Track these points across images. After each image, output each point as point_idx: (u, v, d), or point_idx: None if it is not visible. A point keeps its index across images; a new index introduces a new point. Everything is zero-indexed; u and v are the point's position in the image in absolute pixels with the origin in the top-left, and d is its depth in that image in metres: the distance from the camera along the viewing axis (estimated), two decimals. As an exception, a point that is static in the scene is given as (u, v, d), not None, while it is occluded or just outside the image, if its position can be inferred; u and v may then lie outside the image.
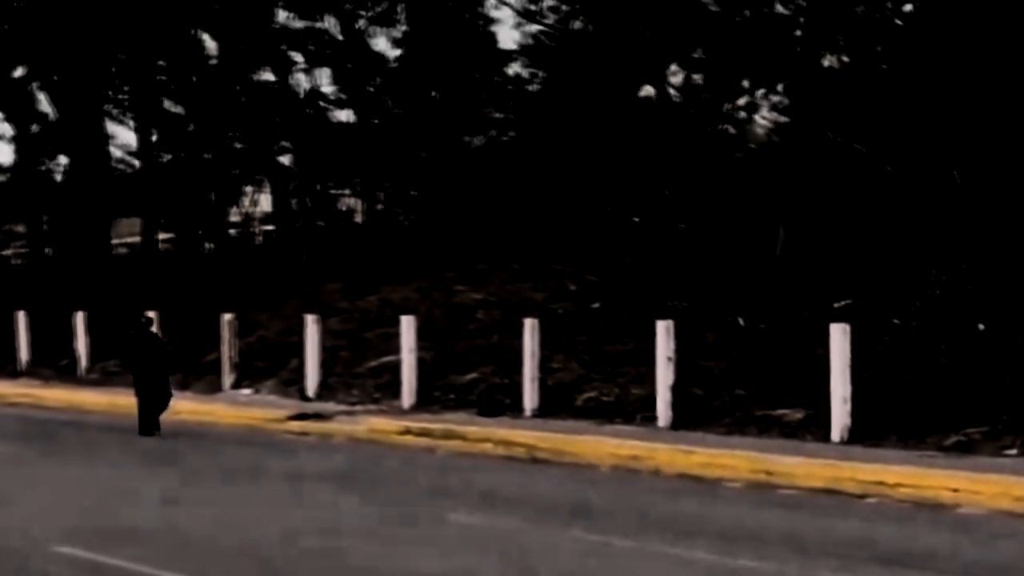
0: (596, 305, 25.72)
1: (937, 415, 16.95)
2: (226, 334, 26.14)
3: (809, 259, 25.50)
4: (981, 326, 20.64)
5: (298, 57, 39.33)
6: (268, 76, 40.73)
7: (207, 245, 42.91)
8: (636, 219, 37.28)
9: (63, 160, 42.76)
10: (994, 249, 22.75)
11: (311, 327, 24.62)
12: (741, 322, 23.18)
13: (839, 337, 17.28)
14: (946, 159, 26.62)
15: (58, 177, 43.01)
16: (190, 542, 12.57)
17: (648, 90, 36.39)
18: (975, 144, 26.39)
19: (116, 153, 43.81)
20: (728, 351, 21.70)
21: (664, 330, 19.27)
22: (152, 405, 21.20)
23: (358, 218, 42.44)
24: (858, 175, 28.51)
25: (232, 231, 44.72)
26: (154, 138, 42.05)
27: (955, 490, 14.31)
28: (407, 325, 22.95)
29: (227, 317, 26.18)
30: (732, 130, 35.46)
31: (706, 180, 31.83)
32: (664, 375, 19.20)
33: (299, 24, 39.43)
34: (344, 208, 43.61)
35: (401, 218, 41.60)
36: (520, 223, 34.69)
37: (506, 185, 36.43)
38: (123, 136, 49.64)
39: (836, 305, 23.15)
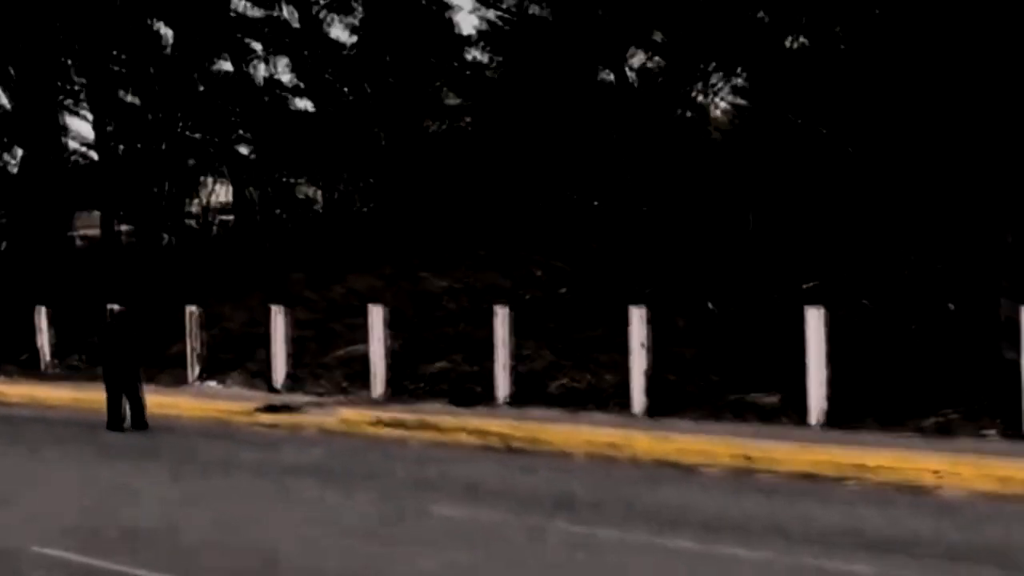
0: (564, 291, 25.62)
1: (914, 397, 16.95)
2: (191, 326, 25.87)
3: (778, 242, 25.47)
4: (951, 306, 20.67)
5: (256, 46, 38.98)
6: (226, 66, 40.46)
7: (166, 237, 42.56)
8: (596, 203, 37.22)
9: (18, 152, 42.35)
10: (961, 229, 22.75)
11: (277, 318, 24.40)
12: (711, 307, 23.14)
13: (815, 320, 17.24)
14: (910, 140, 26.64)
15: (13, 170, 42.54)
16: (185, 542, 12.35)
17: (609, 74, 36.30)
18: (938, 125, 26.41)
19: (72, 145, 43.51)
20: (700, 336, 21.65)
21: (638, 317, 19.19)
22: (120, 400, 20.88)
23: (318, 207, 42.15)
24: (822, 157, 28.51)
25: (191, 222, 44.40)
26: (110, 129, 41.65)
27: (936, 472, 14.29)
28: (376, 314, 22.78)
29: (192, 309, 25.92)
30: (692, 114, 35.40)
31: (670, 164, 31.72)
32: (638, 362, 19.12)
33: (256, 13, 39.16)
34: (304, 197, 43.32)
35: (359, 206, 41.36)
36: (481, 209, 34.52)
37: (466, 172, 36.25)
38: (78, 128, 49.06)
39: (804, 287, 23.15)
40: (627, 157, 32.47)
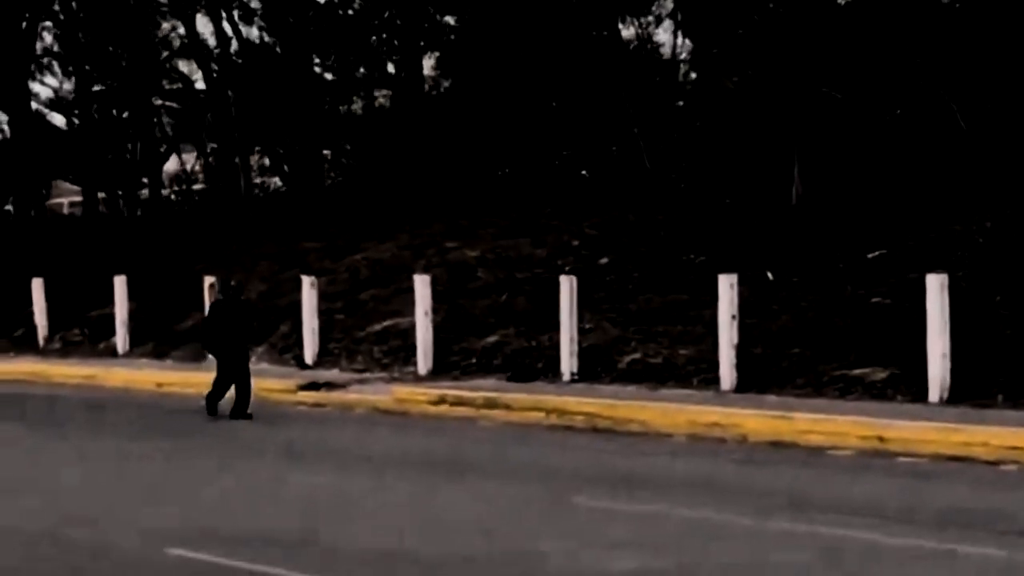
0: (604, 261, 24.30)
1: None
2: (208, 299, 24.21)
3: (827, 208, 24.27)
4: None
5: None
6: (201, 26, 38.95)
7: (139, 207, 40.95)
8: (584, 172, 35.95)
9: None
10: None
11: (307, 290, 22.88)
12: (770, 276, 21.89)
13: (936, 290, 15.99)
14: (946, 102, 25.59)
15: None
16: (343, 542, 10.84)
17: (627, 32, 35.09)
18: (975, 86, 25.39)
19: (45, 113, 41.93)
20: (768, 306, 20.39)
21: (728, 285, 17.85)
22: (229, 385, 18.50)
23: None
24: (857, 122, 27.39)
25: (167, 191, 42.78)
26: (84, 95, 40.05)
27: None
28: (421, 285, 21.29)
29: (211, 280, 24.28)
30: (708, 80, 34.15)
31: (700, 130, 30.50)
32: (728, 334, 17.78)
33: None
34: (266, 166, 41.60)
35: (333, 175, 39.80)
36: (492, 176, 33.21)
37: (468, 137, 34.81)
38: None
39: (870, 256, 21.98)
40: (646, 123, 31.17)
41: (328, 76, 39.52)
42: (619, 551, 10.10)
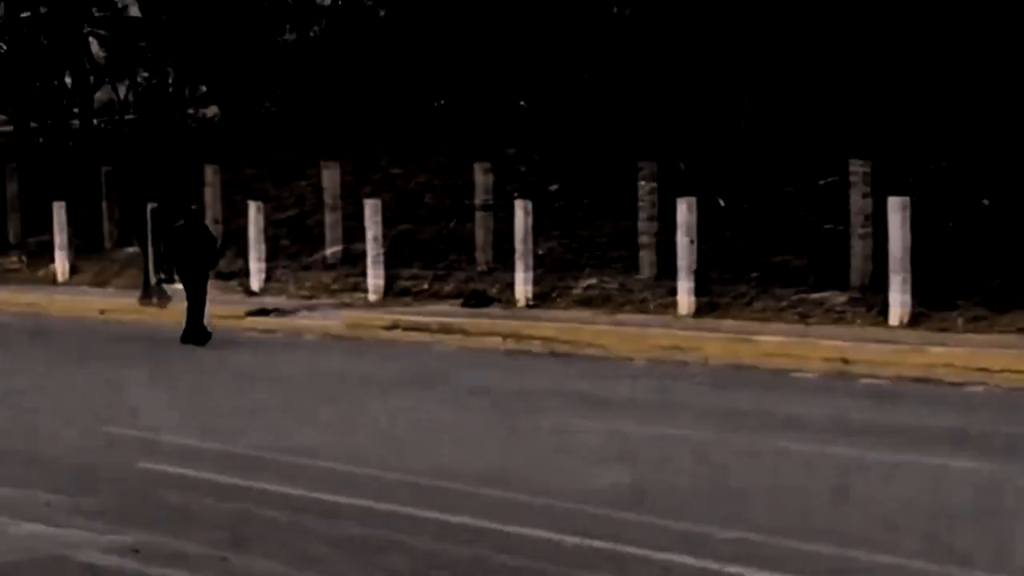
0: (554, 187, 24.08)
1: (1001, 294, 15.76)
2: (151, 223, 23.75)
3: (777, 136, 24.14)
4: (985, 201, 19.61)
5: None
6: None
7: (70, 138, 40.18)
8: (522, 103, 35.61)
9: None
10: (993, 120, 21.63)
11: (253, 215, 22.54)
12: (721, 203, 21.77)
13: (898, 214, 15.95)
14: (894, 30, 25.49)
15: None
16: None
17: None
18: (924, 14, 25.29)
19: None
20: (721, 232, 20.29)
21: (686, 208, 17.74)
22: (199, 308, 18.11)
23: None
24: (805, 50, 27.22)
25: (95, 122, 41.97)
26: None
27: (1076, 376, 13.15)
28: (371, 211, 21.03)
29: (153, 206, 23.82)
30: None
31: (643, 57, 30.16)
32: (686, 259, 17.69)
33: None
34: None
35: (268, 104, 39.26)
36: (436, 102, 32.82)
37: (405, 65, 34.35)
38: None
39: (821, 182, 21.91)
40: (591, 52, 30.83)
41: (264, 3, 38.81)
42: (591, 470, 10.01)
